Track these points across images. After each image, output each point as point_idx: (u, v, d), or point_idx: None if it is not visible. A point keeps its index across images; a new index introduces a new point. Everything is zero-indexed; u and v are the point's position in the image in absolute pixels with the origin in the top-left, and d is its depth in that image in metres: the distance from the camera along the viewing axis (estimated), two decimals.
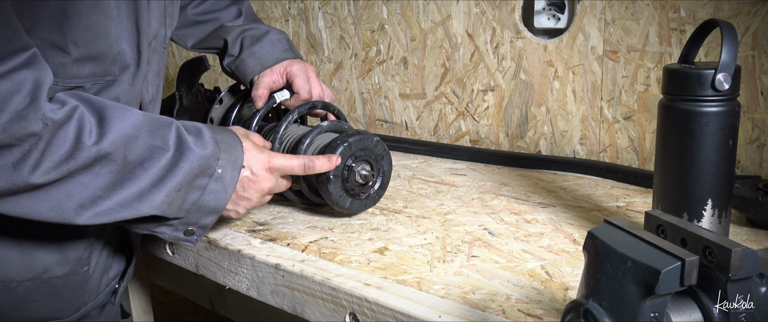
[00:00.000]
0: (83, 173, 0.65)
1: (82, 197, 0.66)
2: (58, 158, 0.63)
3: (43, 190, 0.64)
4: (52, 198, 0.65)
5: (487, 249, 0.85)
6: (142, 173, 0.69)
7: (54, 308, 0.78)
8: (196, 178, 0.73)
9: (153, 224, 0.74)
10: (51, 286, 0.77)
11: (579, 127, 1.29)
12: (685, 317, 0.47)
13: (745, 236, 0.88)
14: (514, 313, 0.68)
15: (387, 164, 0.98)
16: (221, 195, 0.76)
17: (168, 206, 0.72)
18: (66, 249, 0.77)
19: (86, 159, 0.65)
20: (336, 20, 1.62)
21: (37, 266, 0.75)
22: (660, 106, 0.77)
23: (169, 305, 2.07)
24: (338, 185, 0.92)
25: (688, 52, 0.76)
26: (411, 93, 1.53)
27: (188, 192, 0.73)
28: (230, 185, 0.77)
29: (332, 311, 0.77)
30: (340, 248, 0.87)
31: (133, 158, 0.68)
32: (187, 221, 0.76)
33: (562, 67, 1.28)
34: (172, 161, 0.70)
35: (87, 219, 0.67)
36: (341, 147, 0.91)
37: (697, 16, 1.10)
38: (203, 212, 0.76)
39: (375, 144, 0.96)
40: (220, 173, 0.75)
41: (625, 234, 0.47)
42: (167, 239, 0.77)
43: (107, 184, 0.67)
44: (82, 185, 0.66)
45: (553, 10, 1.28)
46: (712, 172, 0.74)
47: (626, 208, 1.00)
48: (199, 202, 0.75)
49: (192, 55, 2.04)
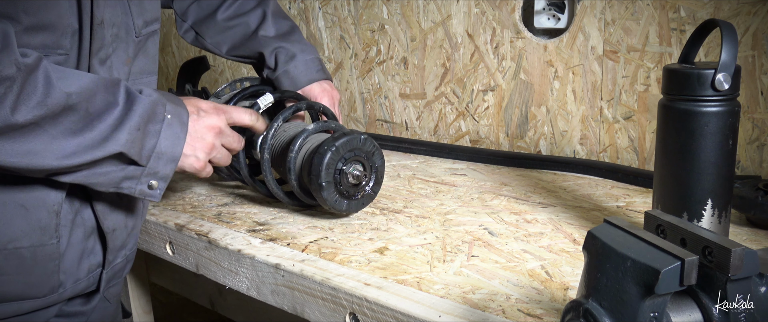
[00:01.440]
0: (52, 120, 0.69)
1: (52, 141, 0.70)
2: (33, 102, 0.67)
3: (19, 133, 0.67)
4: (25, 143, 0.69)
5: (487, 249, 0.85)
6: (100, 123, 0.73)
7: (26, 283, 0.78)
8: (149, 122, 0.77)
9: (117, 175, 0.78)
10: (18, 257, 0.77)
11: (579, 127, 1.29)
12: (685, 317, 0.47)
13: (745, 236, 0.88)
14: (514, 313, 0.68)
15: (379, 160, 0.97)
16: (175, 140, 0.81)
17: (131, 145, 0.76)
18: (29, 217, 0.77)
19: (56, 106, 0.69)
20: (336, 20, 1.62)
21: (3, 236, 0.76)
22: (660, 106, 0.77)
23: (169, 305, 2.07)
24: (332, 190, 0.92)
25: (688, 52, 0.76)
26: (411, 93, 1.53)
27: (145, 136, 0.77)
28: (182, 132, 0.82)
29: (332, 310, 0.77)
30: (340, 248, 0.87)
31: (94, 110, 0.73)
32: (149, 172, 0.79)
33: (562, 67, 1.28)
34: (125, 109, 0.76)
35: (58, 160, 0.71)
36: (329, 153, 0.91)
37: (697, 16, 1.10)
38: (163, 160, 0.80)
39: (363, 142, 0.95)
40: (169, 118, 0.80)
41: (625, 234, 0.47)
42: (133, 193, 0.80)
43: (71, 131, 0.71)
44: (51, 132, 0.70)
45: (553, 10, 1.28)
46: (712, 172, 0.74)
47: (626, 208, 1.00)
48: (157, 148, 0.79)
49: (192, 55, 2.04)
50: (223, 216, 1.03)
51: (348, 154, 0.93)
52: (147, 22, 0.87)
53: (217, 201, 1.11)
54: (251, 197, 1.12)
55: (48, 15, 0.72)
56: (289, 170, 0.96)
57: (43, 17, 0.72)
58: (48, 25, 0.73)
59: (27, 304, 0.80)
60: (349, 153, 0.93)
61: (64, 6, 0.73)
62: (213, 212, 1.05)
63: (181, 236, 0.98)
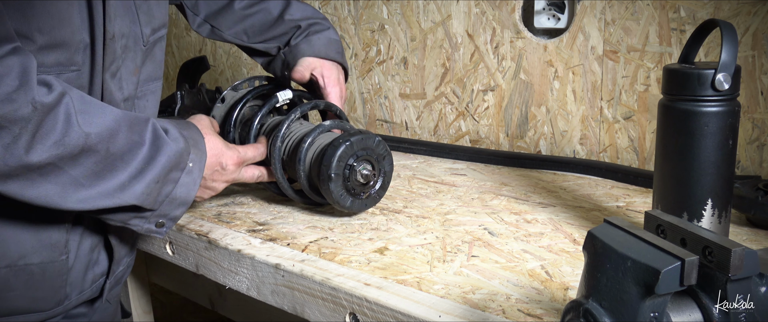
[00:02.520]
0: (70, 161, 0.69)
1: (68, 185, 0.70)
2: (50, 142, 0.66)
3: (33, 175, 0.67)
4: (40, 187, 0.68)
5: (487, 249, 0.85)
6: (123, 165, 0.73)
7: (33, 298, 0.78)
8: (171, 171, 0.77)
9: (128, 215, 0.78)
10: (28, 274, 0.77)
11: (579, 127, 1.29)
12: (685, 317, 0.47)
13: (745, 236, 0.88)
14: (514, 313, 0.68)
15: (388, 165, 0.98)
16: (191, 187, 0.81)
17: (147, 197, 0.76)
18: (40, 234, 0.77)
19: (74, 147, 0.68)
20: (336, 20, 1.62)
21: (13, 253, 0.75)
22: (660, 106, 0.77)
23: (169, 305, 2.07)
24: (339, 183, 0.93)
25: (688, 52, 0.76)
26: (411, 93, 1.53)
27: (164, 185, 0.77)
28: (198, 178, 0.82)
29: (332, 311, 0.77)
30: (340, 248, 0.87)
31: (115, 151, 0.72)
32: (160, 213, 0.80)
33: (562, 67, 1.28)
34: (149, 155, 0.75)
35: (72, 204, 0.71)
36: (343, 146, 0.92)
37: (697, 16, 1.10)
38: (174, 204, 0.80)
39: (377, 144, 0.96)
40: (191, 166, 0.80)
41: (625, 234, 0.47)
42: (139, 231, 0.80)
43: (91, 173, 0.71)
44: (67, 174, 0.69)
45: (553, 10, 1.28)
46: (712, 172, 0.74)
47: (626, 208, 1.00)
48: (172, 195, 0.79)
49: (192, 55, 2.04)
50: (223, 216, 1.03)
51: (361, 151, 0.94)
52: (155, 30, 0.86)
53: (217, 201, 1.11)
54: (251, 197, 1.12)
55: (61, 33, 0.71)
56: (299, 161, 0.96)
57: (56, 35, 0.71)
58: (61, 43, 0.72)
59: (32, 317, 0.80)
60: (362, 151, 0.94)
61: (76, 22, 0.73)
62: (213, 212, 1.05)
63: (181, 236, 0.98)
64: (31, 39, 0.69)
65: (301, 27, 1.10)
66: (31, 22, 0.68)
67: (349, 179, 0.94)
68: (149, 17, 0.84)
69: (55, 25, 0.70)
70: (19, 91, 0.63)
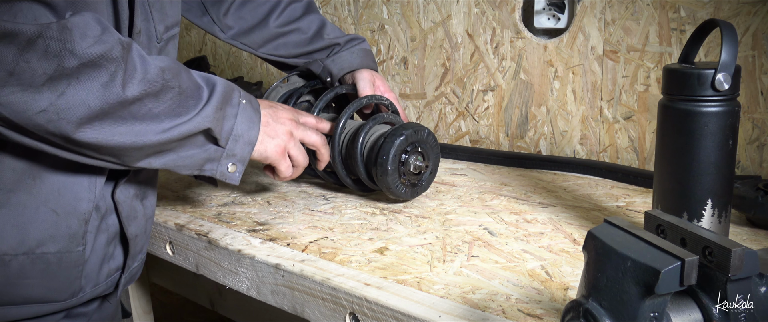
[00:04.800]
0: (153, 98, 0.73)
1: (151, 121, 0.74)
2: (138, 78, 0.70)
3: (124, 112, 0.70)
4: (130, 123, 0.72)
5: (487, 249, 0.85)
6: (193, 101, 0.78)
7: (48, 287, 0.78)
8: (226, 104, 0.82)
9: (201, 158, 0.82)
10: (44, 262, 0.77)
11: (579, 127, 1.29)
12: (685, 317, 0.47)
13: (745, 236, 0.88)
14: (514, 313, 0.68)
15: (435, 153, 1.05)
16: (250, 124, 0.85)
17: (216, 122, 0.80)
18: (59, 223, 0.77)
19: (155, 82, 0.72)
20: (336, 20, 1.62)
21: (31, 240, 0.75)
22: (660, 106, 0.77)
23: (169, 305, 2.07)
24: (396, 176, 0.99)
25: (688, 52, 0.76)
26: (411, 93, 1.53)
27: (224, 117, 0.81)
28: (255, 116, 0.86)
29: (332, 310, 0.77)
30: (340, 248, 0.87)
31: (185, 88, 0.77)
32: (229, 153, 0.84)
33: (562, 67, 1.28)
34: (209, 89, 0.80)
35: (157, 135, 0.74)
36: (398, 140, 0.98)
37: (697, 16, 1.10)
38: (241, 143, 0.84)
39: (427, 135, 1.03)
40: (244, 103, 0.85)
41: (625, 234, 0.47)
42: (214, 174, 0.84)
43: (170, 110, 0.75)
44: (151, 112, 0.73)
45: (553, 10, 1.28)
46: (712, 172, 0.74)
47: (626, 208, 1.00)
48: (235, 130, 0.83)
49: (192, 55, 2.04)
50: (223, 216, 1.03)
51: (411, 145, 1.00)
52: (168, 27, 0.87)
53: (217, 201, 1.11)
54: (251, 197, 1.12)
55: None
56: (360, 155, 1.02)
57: None
58: None
59: (46, 307, 0.80)
60: (413, 144, 1.00)
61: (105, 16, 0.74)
62: (213, 212, 1.05)
63: (181, 236, 0.98)
64: None
65: (340, 44, 1.17)
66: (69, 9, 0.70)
67: (404, 173, 1.00)
68: (162, 15, 0.85)
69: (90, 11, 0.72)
70: (105, 34, 0.66)
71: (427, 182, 1.05)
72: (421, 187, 1.04)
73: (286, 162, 0.93)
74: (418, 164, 1.01)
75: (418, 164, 1.01)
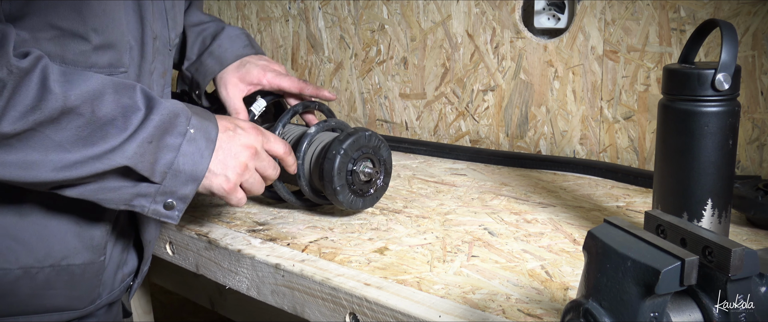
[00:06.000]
0: (50, 126, 0.64)
1: (50, 150, 0.65)
2: (25, 107, 0.62)
3: (9, 143, 0.63)
4: (20, 152, 0.64)
5: (487, 249, 0.85)
6: (115, 130, 0.67)
7: (71, 296, 0.79)
8: (165, 134, 0.70)
9: (129, 193, 0.71)
10: (69, 274, 0.77)
11: (579, 127, 1.29)
12: (685, 317, 0.47)
13: (745, 236, 0.88)
14: (514, 313, 0.68)
15: (385, 152, 0.98)
16: (198, 158, 0.73)
17: (140, 159, 0.68)
18: (83, 235, 0.77)
19: (52, 110, 0.63)
20: (336, 20, 1.62)
21: (57, 253, 0.76)
22: (660, 106, 0.77)
23: (169, 305, 2.07)
24: (346, 192, 0.93)
25: (688, 52, 0.76)
26: (411, 93, 1.53)
27: (159, 150, 0.70)
28: (207, 148, 0.74)
29: (332, 311, 0.77)
30: (340, 248, 0.87)
31: (103, 115, 0.66)
32: (166, 190, 0.72)
33: (562, 67, 1.28)
34: (144, 116, 0.69)
35: (55, 173, 0.65)
36: (338, 157, 0.91)
37: (697, 16, 1.10)
38: (181, 179, 0.72)
39: (368, 138, 0.95)
40: (192, 133, 0.72)
41: (625, 234, 0.47)
42: (146, 213, 0.73)
43: (76, 138, 0.65)
44: (50, 139, 0.64)
45: (553, 10, 1.28)
46: (712, 172, 0.74)
47: (626, 208, 1.00)
48: (175, 166, 0.72)
49: None
50: (223, 216, 1.03)
51: (356, 153, 0.93)
52: (177, 34, 0.88)
53: (217, 201, 1.11)
54: (251, 197, 1.12)
55: (114, 33, 0.72)
56: (299, 177, 0.96)
57: (109, 36, 0.71)
58: (113, 44, 0.72)
59: (66, 315, 0.80)
60: (358, 152, 0.93)
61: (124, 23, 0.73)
62: (213, 212, 1.05)
63: (181, 236, 0.98)
64: (87, 39, 0.69)
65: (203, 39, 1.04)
66: (87, 22, 0.68)
67: (354, 183, 0.94)
68: (174, 22, 0.86)
69: (108, 25, 0.71)
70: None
71: (384, 182, 0.99)
72: (379, 190, 0.98)
73: (237, 195, 0.81)
74: (368, 172, 0.94)
75: (368, 172, 0.94)
